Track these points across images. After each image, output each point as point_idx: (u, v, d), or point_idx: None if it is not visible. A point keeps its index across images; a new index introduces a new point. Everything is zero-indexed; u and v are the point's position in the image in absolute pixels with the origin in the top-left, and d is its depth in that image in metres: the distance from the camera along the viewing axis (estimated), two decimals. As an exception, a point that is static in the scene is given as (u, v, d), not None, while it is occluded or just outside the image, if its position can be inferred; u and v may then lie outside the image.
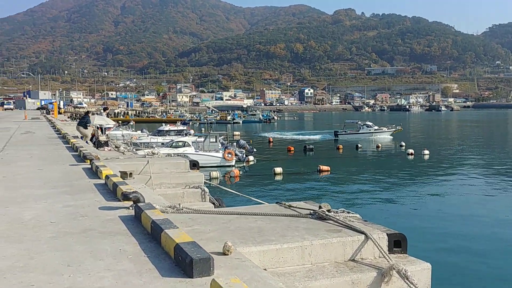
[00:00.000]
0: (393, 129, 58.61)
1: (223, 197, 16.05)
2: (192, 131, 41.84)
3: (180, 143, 33.37)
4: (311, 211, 5.85)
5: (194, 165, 12.00)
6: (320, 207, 5.94)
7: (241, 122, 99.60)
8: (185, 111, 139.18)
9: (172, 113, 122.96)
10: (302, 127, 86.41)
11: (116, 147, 18.98)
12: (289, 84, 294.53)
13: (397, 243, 5.14)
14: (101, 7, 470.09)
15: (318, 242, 4.78)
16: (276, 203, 6.74)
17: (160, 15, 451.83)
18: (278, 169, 29.05)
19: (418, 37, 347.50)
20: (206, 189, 11.33)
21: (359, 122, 59.20)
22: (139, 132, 48.88)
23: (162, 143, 37.15)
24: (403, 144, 46.79)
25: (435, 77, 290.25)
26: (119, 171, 8.84)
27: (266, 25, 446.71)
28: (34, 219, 5.61)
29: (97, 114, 29.14)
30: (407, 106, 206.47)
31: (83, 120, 19.11)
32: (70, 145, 15.23)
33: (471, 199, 21.80)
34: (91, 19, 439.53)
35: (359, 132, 56.97)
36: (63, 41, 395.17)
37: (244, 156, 35.56)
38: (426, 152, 39.94)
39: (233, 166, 32.40)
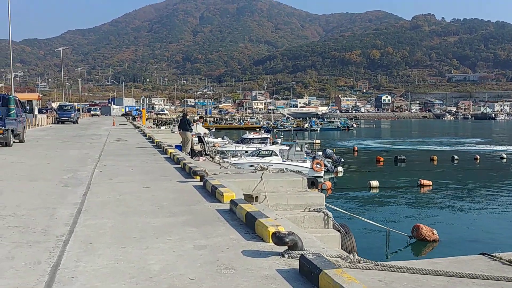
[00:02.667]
0: None
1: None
2: (279, 140, 40.26)
3: (267, 152, 31.91)
4: None
5: (313, 183, 10.35)
6: None
7: (318, 129, 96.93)
8: (261, 118, 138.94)
9: (249, 120, 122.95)
10: (387, 135, 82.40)
11: (211, 157, 17.84)
12: (364, 90, 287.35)
13: None
14: (181, 17, 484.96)
15: None
16: (482, 254, 4.85)
17: (237, 24, 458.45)
18: (374, 183, 26.70)
19: (502, 42, 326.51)
20: (329, 213, 9.60)
21: None
22: (219, 139, 48.19)
23: (246, 151, 36.02)
24: (504, 156, 42.70)
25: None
26: (243, 194, 7.37)
27: (342, 32, 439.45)
28: (166, 272, 4.12)
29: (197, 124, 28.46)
30: (493, 114, 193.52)
31: (185, 123, 17.84)
32: (169, 156, 14.12)
33: None
34: (171, 29, 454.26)
35: None
36: (145, 50, 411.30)
37: (333, 166, 33.53)
38: (534, 165, 35.96)
39: (321, 177, 30.45)
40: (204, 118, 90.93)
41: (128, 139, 22.66)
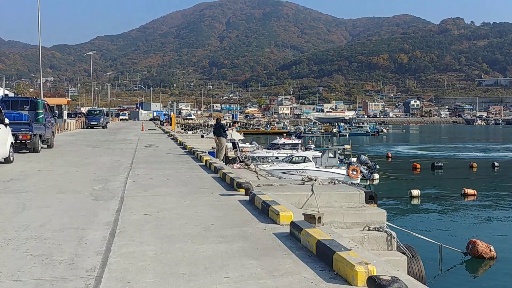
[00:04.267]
0: None
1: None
2: (312, 146, 38.94)
3: (300, 158, 30.68)
4: None
5: (371, 197, 9.14)
6: None
7: (347, 134, 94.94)
8: (288, 123, 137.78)
9: (276, 125, 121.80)
10: (418, 141, 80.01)
11: (246, 164, 16.81)
12: (392, 95, 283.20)
13: None
14: (208, 23, 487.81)
15: None
16: None
17: (263, 29, 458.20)
18: (416, 192, 25.17)
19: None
20: (393, 233, 8.43)
21: None
22: (247, 144, 47.08)
23: (277, 157, 34.90)
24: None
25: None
26: (303, 214, 6.25)
27: (369, 36, 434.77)
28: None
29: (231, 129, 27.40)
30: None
31: (220, 128, 16.82)
32: (204, 164, 13.13)
33: None
34: (198, 34, 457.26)
35: None
36: (172, 56, 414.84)
37: (369, 173, 32.06)
38: None
39: (357, 184, 29.03)
40: (239, 123, 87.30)
41: (159, 144, 21.81)
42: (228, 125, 17.99)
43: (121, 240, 5.33)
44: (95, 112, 49.01)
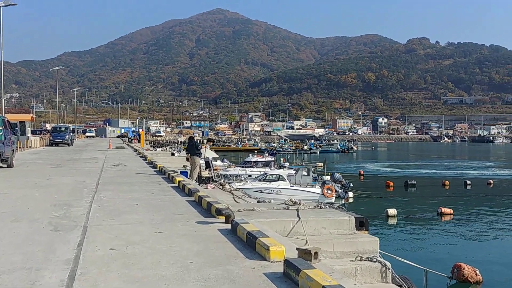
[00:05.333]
0: None
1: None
2: (287, 164, 38.30)
3: (274, 177, 29.97)
4: None
5: (362, 223, 8.41)
6: None
7: (318, 152, 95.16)
8: (259, 140, 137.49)
9: (247, 142, 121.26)
10: (388, 158, 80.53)
11: (220, 184, 15.94)
12: (360, 113, 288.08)
13: None
14: (177, 39, 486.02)
15: None
16: None
17: (233, 47, 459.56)
18: (392, 211, 24.77)
19: (497, 65, 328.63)
20: (388, 263, 7.71)
21: None
22: (219, 161, 46.12)
23: (250, 175, 34.12)
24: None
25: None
26: (297, 249, 5.43)
27: (337, 55, 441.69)
28: None
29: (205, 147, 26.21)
30: (491, 137, 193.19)
31: (193, 146, 15.83)
32: (177, 185, 12.20)
33: None
34: (167, 51, 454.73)
35: None
36: (141, 72, 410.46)
37: (344, 192, 31.54)
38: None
39: (332, 204, 28.46)
40: (214, 141, 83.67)
41: (127, 163, 20.69)
42: (200, 142, 16.78)
43: (82, 285, 4.40)
44: (60, 129, 47.24)
